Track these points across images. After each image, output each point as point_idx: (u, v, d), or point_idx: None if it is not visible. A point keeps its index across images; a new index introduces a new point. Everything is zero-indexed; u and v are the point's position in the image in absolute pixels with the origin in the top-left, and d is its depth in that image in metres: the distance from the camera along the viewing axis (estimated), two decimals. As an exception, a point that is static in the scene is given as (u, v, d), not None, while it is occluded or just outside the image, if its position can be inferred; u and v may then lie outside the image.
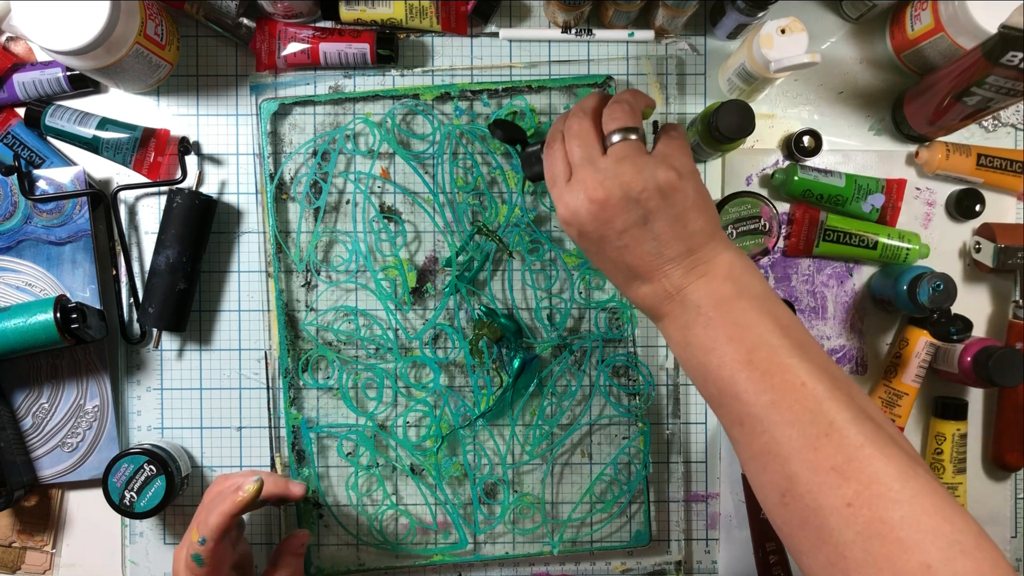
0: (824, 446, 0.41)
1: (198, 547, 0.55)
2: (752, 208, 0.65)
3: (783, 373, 0.43)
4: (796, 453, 0.41)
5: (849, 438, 0.41)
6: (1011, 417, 0.70)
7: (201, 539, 0.55)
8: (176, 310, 0.67)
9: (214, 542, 0.55)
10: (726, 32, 0.69)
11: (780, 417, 0.43)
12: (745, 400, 0.44)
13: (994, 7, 0.59)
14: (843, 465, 0.40)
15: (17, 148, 0.67)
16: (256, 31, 0.68)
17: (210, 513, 0.55)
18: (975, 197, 0.70)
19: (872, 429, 0.41)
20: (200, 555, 0.55)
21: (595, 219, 0.48)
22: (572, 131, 0.51)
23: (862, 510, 0.39)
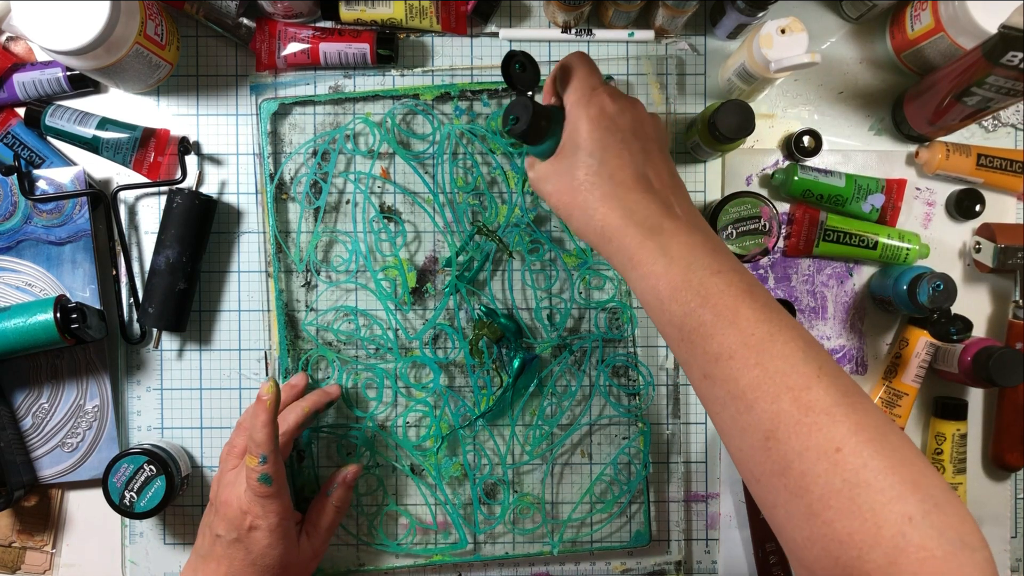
0: (816, 385, 0.40)
1: (261, 467, 0.55)
2: (752, 208, 0.65)
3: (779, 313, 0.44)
4: (788, 390, 0.40)
5: (840, 379, 0.41)
6: (1011, 417, 0.70)
7: (262, 457, 0.55)
8: (176, 310, 0.67)
9: (273, 454, 0.56)
10: (726, 32, 0.69)
11: (777, 351, 0.42)
12: (743, 328, 0.43)
13: (994, 7, 0.59)
14: (833, 407, 0.39)
15: (17, 148, 0.67)
16: (256, 31, 0.68)
17: (254, 431, 0.55)
18: (975, 197, 0.70)
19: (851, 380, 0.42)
20: (267, 473, 0.56)
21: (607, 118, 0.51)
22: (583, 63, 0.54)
23: (850, 457, 0.38)
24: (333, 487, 0.65)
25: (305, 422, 0.63)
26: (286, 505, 0.58)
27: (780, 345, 0.42)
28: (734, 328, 0.43)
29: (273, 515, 0.57)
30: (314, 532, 0.63)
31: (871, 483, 0.37)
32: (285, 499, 0.58)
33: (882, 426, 0.39)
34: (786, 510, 0.40)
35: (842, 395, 0.40)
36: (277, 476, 0.56)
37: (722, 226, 0.65)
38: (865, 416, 0.39)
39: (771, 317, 0.43)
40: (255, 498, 0.56)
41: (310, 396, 0.65)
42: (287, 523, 0.58)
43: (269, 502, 0.57)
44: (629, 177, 0.50)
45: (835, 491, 0.38)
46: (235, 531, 0.57)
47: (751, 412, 0.42)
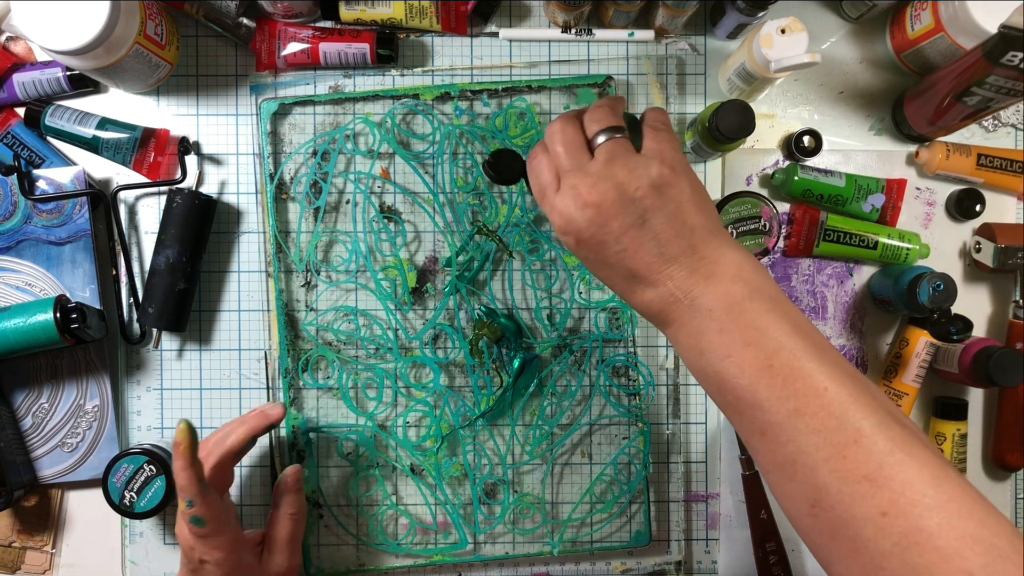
0: (853, 454, 0.39)
1: (189, 510, 0.54)
2: (752, 208, 0.65)
3: (804, 378, 0.42)
4: (824, 463, 0.40)
5: (878, 444, 0.39)
6: (1011, 417, 0.70)
7: (188, 502, 0.53)
8: (176, 310, 0.67)
9: (199, 495, 0.53)
10: (726, 32, 0.69)
11: (805, 425, 0.41)
12: (767, 408, 0.42)
13: (994, 7, 0.59)
14: (874, 473, 0.39)
15: (17, 148, 0.67)
16: (256, 31, 0.68)
17: (176, 476, 0.53)
18: (975, 197, 0.70)
19: (900, 433, 0.40)
20: (197, 516, 0.54)
21: (591, 223, 0.46)
22: (556, 138, 0.49)
23: (897, 520, 0.38)
24: (280, 496, 0.62)
25: (244, 447, 0.60)
26: (230, 538, 0.56)
27: (807, 419, 0.41)
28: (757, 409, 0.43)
29: (217, 551, 0.55)
30: (276, 547, 0.61)
31: (923, 544, 0.37)
32: (227, 533, 0.56)
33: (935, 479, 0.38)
34: (842, 567, 0.40)
35: (887, 454, 0.39)
36: (210, 515, 0.54)
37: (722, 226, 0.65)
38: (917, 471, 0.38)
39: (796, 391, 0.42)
40: (195, 538, 0.55)
41: (248, 418, 0.61)
42: (235, 555, 0.57)
43: (209, 540, 0.55)
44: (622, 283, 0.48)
45: (886, 554, 0.38)
46: (190, 563, 0.57)
47: (792, 481, 0.42)
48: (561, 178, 0.48)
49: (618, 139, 0.48)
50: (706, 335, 0.45)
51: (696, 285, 0.45)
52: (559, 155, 0.48)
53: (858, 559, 0.39)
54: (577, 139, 0.48)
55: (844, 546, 0.40)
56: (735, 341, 0.44)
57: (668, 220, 0.46)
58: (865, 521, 0.38)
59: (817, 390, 0.41)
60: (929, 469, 0.39)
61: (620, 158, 0.47)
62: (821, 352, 0.43)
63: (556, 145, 0.49)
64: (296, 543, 0.62)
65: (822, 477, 0.40)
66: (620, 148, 0.47)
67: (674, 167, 0.46)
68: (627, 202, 0.45)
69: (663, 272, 0.46)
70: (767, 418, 0.42)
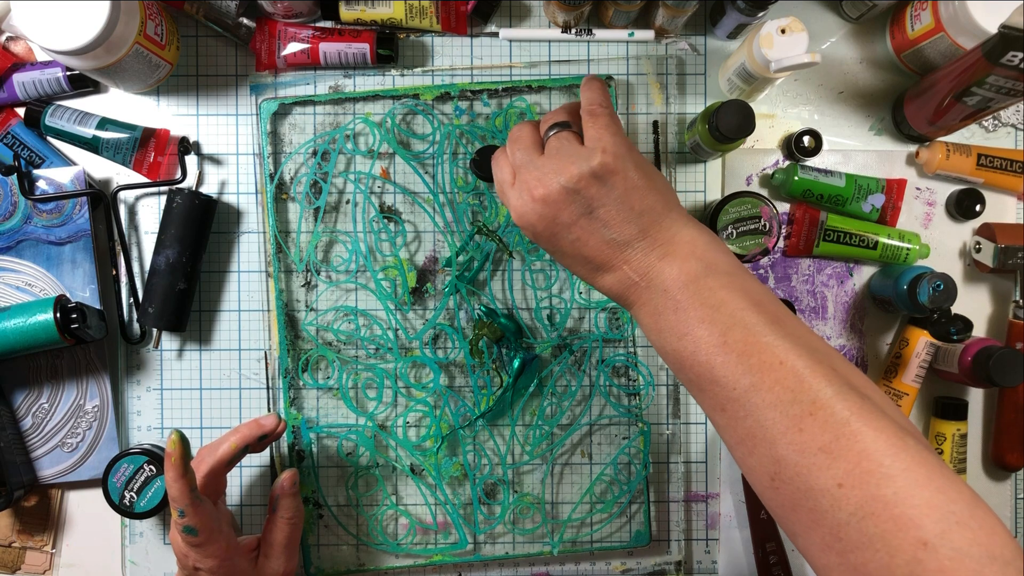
0: (809, 426, 0.40)
1: (181, 520, 0.54)
2: (752, 208, 0.65)
3: (760, 353, 0.42)
4: (781, 436, 0.40)
5: (835, 414, 0.40)
6: (1011, 417, 0.70)
7: (180, 512, 0.54)
8: (176, 310, 0.67)
9: (191, 505, 0.54)
10: (726, 32, 0.69)
11: (761, 400, 0.41)
12: (724, 384, 0.43)
13: (994, 7, 0.59)
14: (831, 444, 0.39)
15: (17, 148, 0.67)
16: (256, 31, 0.68)
17: (168, 486, 0.54)
18: (975, 197, 0.70)
19: (858, 401, 0.40)
20: (189, 525, 0.54)
21: (542, 218, 0.48)
22: (512, 136, 0.51)
23: (854, 490, 0.38)
24: (276, 500, 0.62)
25: (235, 456, 0.60)
26: (224, 545, 0.56)
27: (763, 394, 0.41)
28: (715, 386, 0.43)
29: (211, 559, 0.56)
30: (272, 551, 0.61)
31: (879, 513, 0.37)
32: (220, 541, 0.56)
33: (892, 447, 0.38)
34: (804, 540, 0.41)
35: (843, 424, 0.39)
36: (203, 524, 0.54)
37: (722, 226, 0.65)
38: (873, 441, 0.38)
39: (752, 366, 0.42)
40: (188, 546, 0.56)
41: (241, 428, 0.61)
42: (229, 562, 0.57)
43: (202, 549, 0.55)
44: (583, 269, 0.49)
45: (843, 524, 0.38)
46: (185, 570, 0.57)
47: (753, 455, 0.42)
48: (516, 175, 0.50)
49: (563, 133, 0.49)
50: (664, 314, 0.46)
51: (652, 266, 0.46)
52: (514, 152, 0.50)
53: (818, 530, 0.39)
54: (532, 137, 0.50)
55: (804, 517, 0.40)
56: (691, 319, 0.44)
57: (616, 207, 0.47)
58: (823, 492, 0.39)
59: (773, 364, 0.42)
60: (886, 437, 0.38)
61: (563, 151, 0.48)
62: (778, 325, 0.43)
63: (513, 143, 0.51)
64: (293, 547, 0.62)
65: (780, 450, 0.40)
66: (564, 141, 0.48)
67: (616, 154, 0.47)
68: (572, 194, 0.47)
69: (618, 257, 0.47)
70: (726, 394, 0.43)
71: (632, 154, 0.48)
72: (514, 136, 0.51)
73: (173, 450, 0.52)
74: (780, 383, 0.41)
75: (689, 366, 0.45)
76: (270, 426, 0.61)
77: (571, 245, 0.48)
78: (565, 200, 0.47)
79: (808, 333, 0.45)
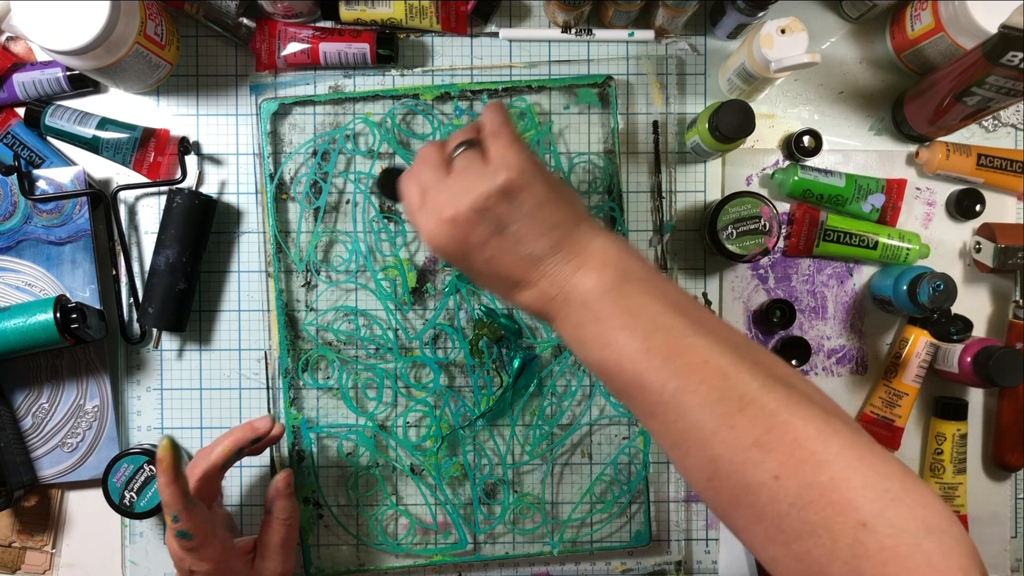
0: (740, 422, 0.40)
1: (175, 525, 0.54)
2: (752, 208, 0.65)
3: (684, 355, 0.42)
4: (714, 435, 0.40)
5: (763, 408, 0.40)
6: (1011, 417, 0.70)
7: (173, 517, 0.54)
8: (176, 310, 0.67)
9: (184, 511, 0.53)
10: (726, 32, 0.69)
11: (690, 401, 0.41)
12: (652, 390, 0.42)
13: (994, 7, 0.59)
14: (763, 438, 0.39)
15: (17, 148, 0.67)
16: (256, 31, 0.68)
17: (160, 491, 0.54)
18: (975, 197, 0.70)
19: (784, 392, 0.40)
20: (183, 530, 0.54)
21: (452, 239, 0.47)
22: (419, 157, 0.50)
23: (790, 481, 0.38)
24: (271, 501, 0.62)
25: (229, 460, 0.59)
26: (219, 548, 0.56)
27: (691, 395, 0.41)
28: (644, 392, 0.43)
29: (205, 563, 0.56)
30: (268, 552, 0.61)
31: (816, 501, 0.37)
32: (215, 544, 0.56)
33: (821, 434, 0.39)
34: (748, 535, 0.41)
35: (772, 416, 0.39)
36: (197, 529, 0.54)
37: (722, 226, 0.65)
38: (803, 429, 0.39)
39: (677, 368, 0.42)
40: (183, 551, 0.56)
41: (235, 432, 0.60)
42: (224, 565, 0.57)
43: (196, 553, 0.55)
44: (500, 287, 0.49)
45: (784, 515, 0.38)
46: (182, 573, 0.57)
47: (689, 457, 0.42)
48: (423, 196, 0.49)
49: (469, 151, 0.48)
50: (585, 326, 0.45)
51: (567, 279, 0.46)
52: (421, 173, 0.49)
53: (760, 524, 0.39)
54: (438, 157, 0.49)
55: (746, 513, 0.40)
56: (612, 327, 0.44)
57: (526, 223, 0.46)
58: (760, 486, 0.39)
59: (697, 364, 0.42)
60: (815, 425, 0.39)
61: (469, 170, 0.47)
62: (699, 325, 0.43)
63: (419, 164, 0.50)
64: (289, 548, 0.62)
65: (714, 449, 0.40)
66: (469, 160, 0.48)
67: (522, 169, 0.47)
68: (481, 212, 0.46)
69: (534, 272, 0.47)
70: (655, 399, 0.43)
71: (538, 169, 0.48)
72: (420, 157, 0.50)
73: (164, 455, 0.52)
74: (706, 382, 0.41)
75: (616, 375, 0.44)
76: (264, 429, 0.60)
77: (485, 264, 0.47)
78: (475, 220, 0.46)
79: (729, 330, 0.45)
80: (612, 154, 0.70)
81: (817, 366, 0.72)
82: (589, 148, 0.70)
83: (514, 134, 0.49)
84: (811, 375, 0.71)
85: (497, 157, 0.47)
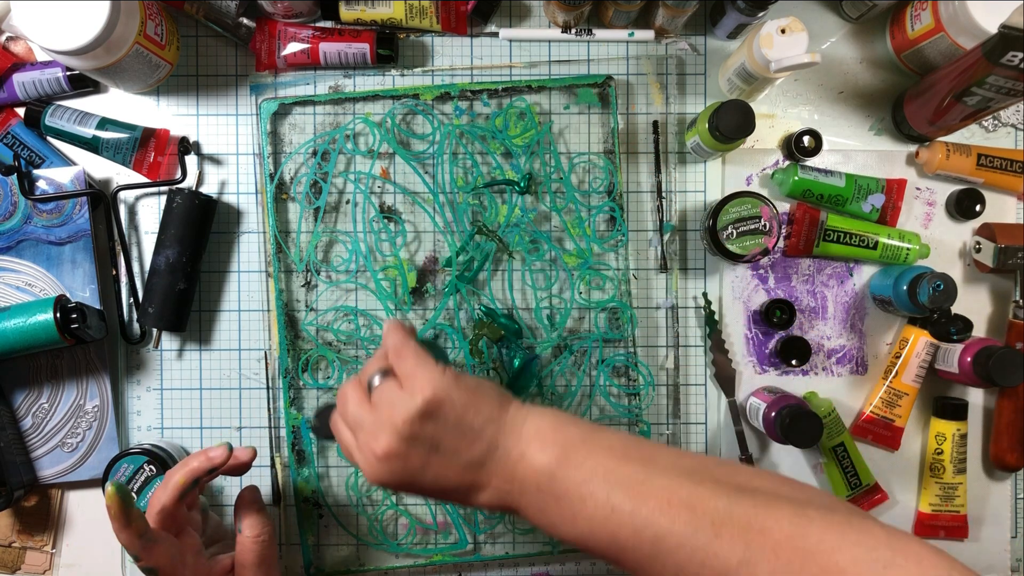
0: (720, 548, 0.40)
1: (139, 564, 0.53)
2: (752, 208, 0.65)
3: (647, 501, 0.43)
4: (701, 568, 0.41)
5: (735, 524, 0.41)
6: (1011, 417, 0.70)
7: (134, 557, 0.53)
8: (176, 310, 0.67)
9: (143, 550, 0.53)
10: (726, 32, 0.69)
11: (668, 545, 0.42)
12: (630, 547, 0.43)
13: (994, 7, 0.59)
14: (745, 554, 0.40)
15: (17, 148, 0.67)
16: (256, 31, 0.68)
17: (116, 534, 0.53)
18: (975, 197, 0.70)
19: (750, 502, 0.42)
20: (148, 567, 0.53)
21: (393, 472, 0.47)
22: (339, 398, 0.51)
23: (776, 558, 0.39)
24: (240, 520, 0.59)
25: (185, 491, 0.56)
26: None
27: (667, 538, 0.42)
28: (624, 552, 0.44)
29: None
30: (246, 574, 0.58)
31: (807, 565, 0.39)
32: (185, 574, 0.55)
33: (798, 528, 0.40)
34: None
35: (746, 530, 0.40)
36: (160, 563, 0.53)
37: (722, 226, 0.65)
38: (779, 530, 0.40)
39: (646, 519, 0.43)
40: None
41: (190, 461, 0.56)
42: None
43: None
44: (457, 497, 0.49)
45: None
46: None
47: None
48: (355, 435, 0.49)
49: (384, 383, 0.49)
50: (548, 509, 0.46)
51: (515, 470, 0.47)
52: (346, 413, 0.50)
53: None
54: (357, 394, 0.50)
55: None
56: (574, 502, 0.45)
57: (456, 435, 0.47)
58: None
59: (663, 507, 0.42)
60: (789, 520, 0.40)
61: (387, 400, 0.48)
62: (650, 466, 0.45)
63: (342, 405, 0.51)
64: (267, 565, 0.59)
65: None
66: (386, 391, 0.48)
67: (435, 385, 0.47)
68: (410, 440, 0.47)
69: (482, 475, 0.47)
70: (637, 555, 0.43)
71: (448, 377, 0.48)
72: (341, 397, 0.51)
73: (111, 503, 0.51)
74: (677, 520, 0.42)
75: (593, 545, 0.45)
76: (219, 459, 0.57)
77: (434, 483, 0.48)
78: (407, 448, 0.47)
79: (680, 456, 0.46)
80: (612, 154, 0.70)
81: (817, 366, 0.72)
82: (589, 148, 0.70)
83: (416, 350, 0.49)
84: (811, 375, 0.71)
85: (407, 379, 0.48)
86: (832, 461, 0.69)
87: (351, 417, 0.49)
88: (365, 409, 0.49)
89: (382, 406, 0.48)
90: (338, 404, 0.51)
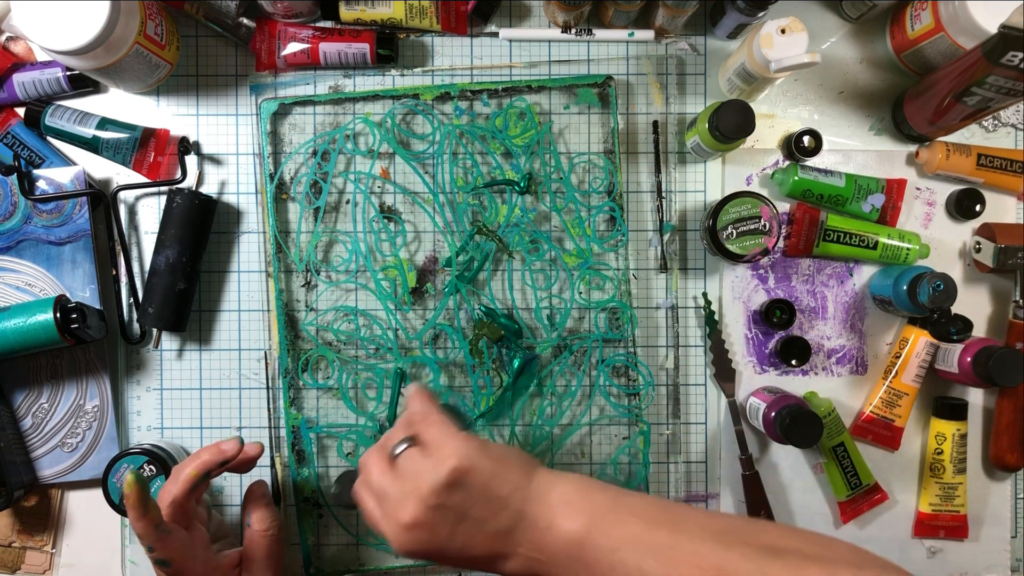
0: None
1: (151, 554, 0.54)
2: (752, 208, 0.65)
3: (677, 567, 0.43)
4: None
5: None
6: (1011, 417, 0.70)
7: (148, 547, 0.54)
8: (176, 310, 0.67)
9: (158, 541, 0.53)
10: (726, 32, 0.69)
11: None
12: None
13: (994, 7, 0.59)
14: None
15: (17, 148, 0.67)
16: (256, 31, 0.68)
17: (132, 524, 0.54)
18: (975, 197, 0.70)
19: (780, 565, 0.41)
20: (161, 558, 0.54)
21: (419, 542, 0.47)
22: (362, 466, 0.51)
23: None
24: (248, 513, 0.60)
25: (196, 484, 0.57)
26: (200, 570, 0.56)
27: None
28: None
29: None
30: (253, 568, 0.60)
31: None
32: (196, 566, 0.56)
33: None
34: None
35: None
36: (173, 555, 0.54)
37: (722, 226, 0.65)
38: None
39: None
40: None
41: (202, 454, 0.57)
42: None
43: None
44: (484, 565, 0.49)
45: None
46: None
47: None
48: (380, 504, 0.49)
49: (408, 450, 0.49)
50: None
51: (543, 539, 0.47)
52: (371, 483, 0.50)
53: None
54: (381, 463, 0.50)
55: None
56: (603, 570, 0.45)
57: (483, 503, 0.47)
58: None
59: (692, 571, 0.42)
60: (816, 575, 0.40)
61: (413, 469, 0.48)
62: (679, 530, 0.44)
63: (368, 473, 0.50)
64: (274, 559, 0.60)
65: None
66: (411, 460, 0.48)
67: (461, 454, 0.47)
68: (437, 510, 0.47)
69: (510, 544, 0.47)
70: None
71: (474, 445, 0.48)
72: (364, 465, 0.51)
73: (130, 492, 0.51)
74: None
75: None
76: (231, 452, 0.57)
77: (460, 552, 0.48)
78: (434, 518, 0.47)
79: (708, 518, 0.46)
80: (612, 154, 0.70)
81: (817, 366, 0.72)
82: (589, 148, 0.70)
83: (442, 418, 0.49)
84: (811, 375, 0.71)
85: (434, 447, 0.48)
86: (832, 461, 0.70)
87: (375, 486, 0.49)
88: (390, 478, 0.49)
89: (407, 475, 0.48)
90: (361, 472, 0.51)
